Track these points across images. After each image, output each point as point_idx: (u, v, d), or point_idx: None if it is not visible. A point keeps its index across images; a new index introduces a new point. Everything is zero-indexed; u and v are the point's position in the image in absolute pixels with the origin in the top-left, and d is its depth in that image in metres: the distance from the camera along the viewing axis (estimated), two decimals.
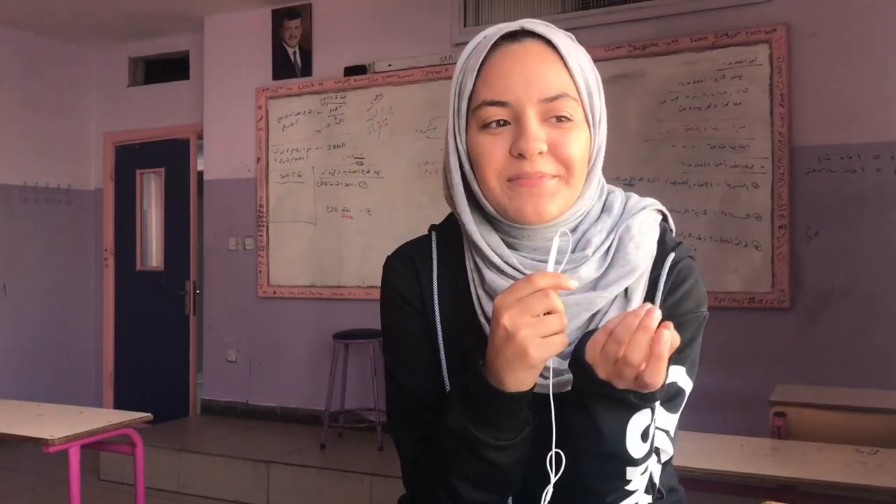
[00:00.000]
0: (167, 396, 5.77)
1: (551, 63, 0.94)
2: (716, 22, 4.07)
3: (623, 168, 4.20)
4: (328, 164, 5.10)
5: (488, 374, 0.88)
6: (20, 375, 5.62)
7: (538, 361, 0.83)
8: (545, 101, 0.92)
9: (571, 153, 0.93)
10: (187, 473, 4.40)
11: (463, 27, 4.69)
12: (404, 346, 1.04)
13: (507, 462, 0.92)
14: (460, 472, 0.94)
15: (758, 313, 3.97)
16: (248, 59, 5.40)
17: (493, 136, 0.94)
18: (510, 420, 0.90)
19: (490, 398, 0.88)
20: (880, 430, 2.48)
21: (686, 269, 1.00)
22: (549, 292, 0.81)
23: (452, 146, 0.98)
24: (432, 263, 1.04)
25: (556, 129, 0.93)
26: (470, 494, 0.95)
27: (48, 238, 5.95)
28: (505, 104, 0.93)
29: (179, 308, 5.89)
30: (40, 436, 2.63)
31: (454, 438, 0.92)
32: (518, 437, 0.91)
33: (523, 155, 0.92)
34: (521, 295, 0.82)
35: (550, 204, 0.93)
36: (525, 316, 0.82)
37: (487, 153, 0.94)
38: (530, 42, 0.95)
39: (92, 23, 5.62)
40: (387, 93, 4.91)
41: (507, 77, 0.93)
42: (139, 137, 6.10)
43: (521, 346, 0.82)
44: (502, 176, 0.94)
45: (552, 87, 0.92)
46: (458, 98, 0.97)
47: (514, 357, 0.84)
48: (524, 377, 0.86)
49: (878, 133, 3.78)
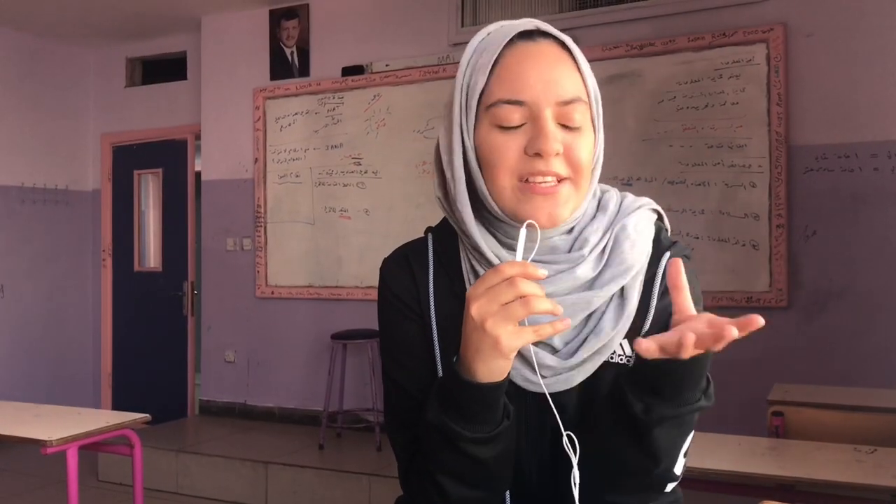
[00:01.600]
0: (165, 397, 5.77)
1: (567, 66, 0.94)
2: (713, 21, 4.07)
3: (620, 168, 4.21)
4: (326, 165, 5.10)
5: (461, 366, 0.88)
6: (18, 376, 5.61)
7: (508, 350, 0.83)
8: (561, 104, 0.92)
9: (582, 157, 0.94)
10: (186, 474, 4.40)
11: (460, 27, 4.69)
12: (401, 347, 1.04)
13: (487, 456, 0.92)
14: (444, 467, 0.94)
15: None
16: (245, 60, 5.39)
17: (508, 134, 0.93)
18: (486, 412, 0.90)
19: (462, 390, 0.88)
20: (878, 430, 2.48)
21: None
22: (517, 280, 0.81)
23: (458, 143, 0.96)
24: (429, 265, 1.05)
25: (569, 133, 0.93)
26: (458, 491, 0.95)
27: (46, 239, 5.94)
28: (522, 103, 0.92)
29: (177, 309, 5.88)
30: (38, 437, 2.63)
31: (434, 433, 0.93)
32: (496, 430, 0.91)
33: (540, 154, 0.91)
34: (490, 284, 0.82)
35: (563, 210, 0.94)
36: (493, 305, 0.82)
37: (501, 151, 0.93)
38: (546, 43, 0.95)
39: (89, 23, 5.62)
40: (384, 93, 4.91)
41: (524, 76, 0.93)
42: (137, 138, 6.09)
43: (490, 335, 0.82)
44: (515, 175, 0.93)
45: (568, 90, 0.93)
46: (468, 95, 0.96)
47: (484, 346, 0.84)
48: (495, 367, 0.86)
49: (876, 132, 3.78)
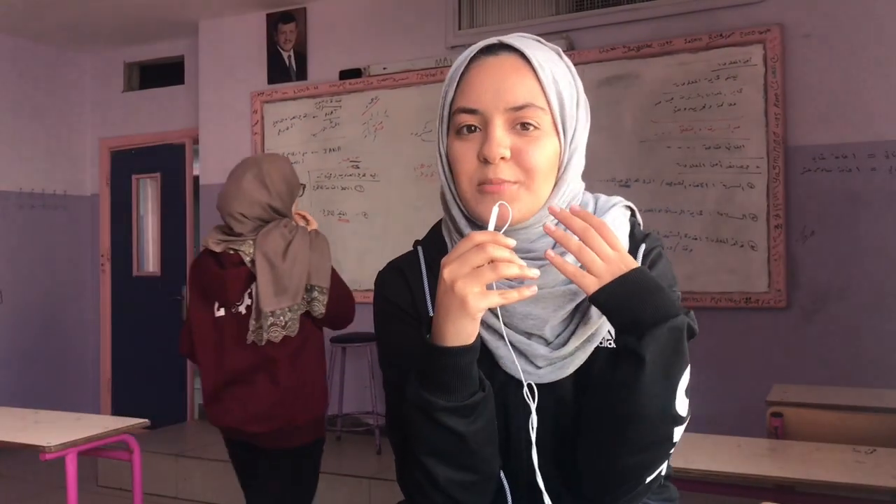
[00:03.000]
0: (164, 402, 5.76)
1: (522, 74, 0.99)
2: (710, 23, 4.07)
3: (618, 169, 4.21)
4: (324, 168, 5.10)
5: (433, 333, 0.92)
6: (17, 382, 5.61)
7: (475, 310, 0.88)
8: (512, 110, 0.98)
9: (534, 161, 0.98)
10: (185, 479, 4.40)
11: (458, 30, 4.69)
12: (402, 351, 1.06)
13: (466, 430, 0.94)
14: (426, 446, 0.96)
15: (754, 313, 3.97)
16: (243, 64, 5.40)
17: (465, 141, 1.00)
18: (458, 380, 0.93)
19: (433, 357, 0.92)
20: (877, 430, 2.48)
21: (656, 256, 1.07)
22: (487, 245, 0.87)
23: (438, 151, 1.06)
24: (422, 274, 1.09)
25: (522, 137, 0.98)
26: (444, 473, 0.97)
27: (45, 244, 5.94)
28: (475, 111, 0.99)
29: (176, 313, 5.88)
30: (37, 443, 2.62)
31: (413, 410, 0.95)
32: (469, 400, 0.93)
33: (487, 160, 0.97)
34: (462, 251, 0.88)
35: (511, 209, 0.98)
36: (464, 268, 0.87)
37: (461, 158, 1.01)
38: (505, 55, 1.01)
39: (87, 28, 5.62)
40: (382, 96, 4.92)
41: (479, 86, 1.00)
42: (135, 143, 6.10)
43: (459, 295, 0.87)
44: (473, 181, 1.00)
45: (519, 96, 0.98)
46: (442, 106, 1.04)
47: (453, 307, 0.88)
48: (462, 328, 0.90)
49: (873, 132, 3.78)
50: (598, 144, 4.14)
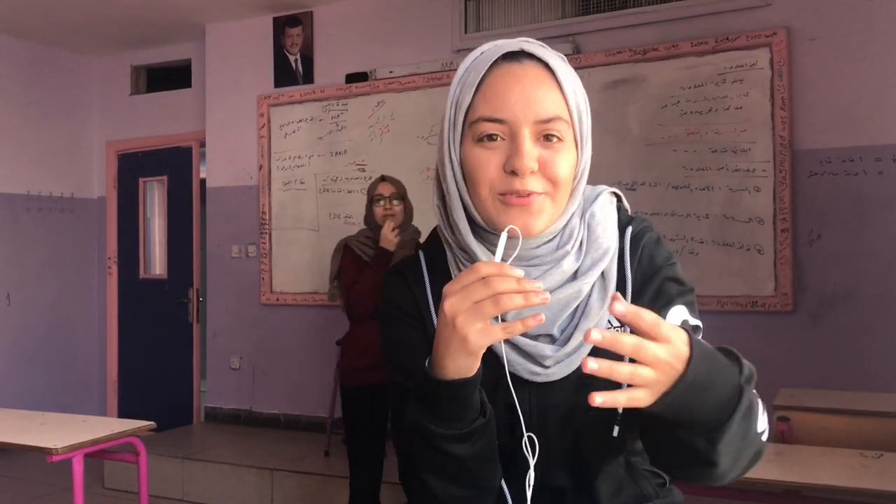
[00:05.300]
0: (171, 404, 5.77)
1: (549, 86, 0.98)
2: (716, 26, 4.07)
3: (625, 172, 4.21)
4: (330, 171, 5.11)
5: (433, 363, 0.90)
6: (24, 384, 5.63)
7: (476, 348, 0.85)
8: (540, 123, 0.96)
9: (560, 172, 0.97)
10: (191, 481, 4.41)
11: (464, 34, 4.70)
12: (407, 354, 1.06)
13: (464, 454, 0.94)
14: (426, 464, 0.97)
15: (761, 317, 3.96)
16: (249, 67, 5.41)
17: (488, 150, 0.98)
18: (457, 409, 0.92)
19: (432, 387, 0.90)
20: (884, 434, 2.47)
21: (643, 235, 1.07)
22: (492, 279, 0.82)
23: (447, 156, 1.02)
24: (424, 278, 1.09)
25: (547, 149, 0.97)
26: (444, 490, 0.97)
27: (52, 246, 5.96)
28: (502, 122, 0.97)
29: (183, 316, 5.89)
30: (44, 445, 2.64)
31: (413, 431, 0.95)
32: (468, 427, 0.93)
33: (516, 172, 0.95)
34: (466, 283, 0.84)
35: (538, 221, 0.98)
36: (465, 302, 0.83)
37: (482, 166, 0.98)
38: (529, 64, 0.99)
39: (94, 32, 5.64)
40: (388, 99, 4.92)
41: (505, 96, 0.97)
42: (142, 146, 6.12)
43: (459, 331, 0.84)
44: (494, 189, 0.98)
45: (548, 109, 0.97)
46: (455, 110, 1.01)
47: (453, 343, 0.85)
48: (464, 364, 0.87)
49: (880, 135, 3.77)
50: (605, 148, 4.16)
